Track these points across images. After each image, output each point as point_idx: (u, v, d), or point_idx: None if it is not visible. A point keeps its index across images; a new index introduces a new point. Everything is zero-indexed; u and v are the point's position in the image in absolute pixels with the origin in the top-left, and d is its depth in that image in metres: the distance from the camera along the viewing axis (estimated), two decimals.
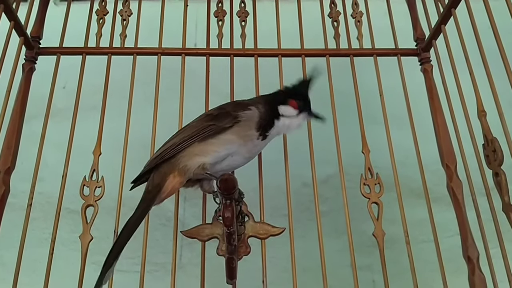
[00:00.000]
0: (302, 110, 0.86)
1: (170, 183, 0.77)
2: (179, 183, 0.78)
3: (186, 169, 0.76)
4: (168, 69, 0.99)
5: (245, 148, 0.80)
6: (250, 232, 0.83)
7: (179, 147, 0.77)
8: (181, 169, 0.77)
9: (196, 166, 0.76)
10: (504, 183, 0.76)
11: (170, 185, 0.77)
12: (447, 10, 0.91)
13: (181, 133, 0.80)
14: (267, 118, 0.82)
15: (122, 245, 0.72)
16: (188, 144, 0.77)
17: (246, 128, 0.80)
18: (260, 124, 0.81)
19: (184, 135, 0.79)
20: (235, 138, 0.78)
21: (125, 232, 0.73)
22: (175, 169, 0.77)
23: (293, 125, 0.86)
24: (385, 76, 0.98)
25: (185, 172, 0.77)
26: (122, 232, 0.73)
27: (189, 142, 0.77)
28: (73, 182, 0.88)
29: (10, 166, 0.87)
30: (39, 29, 1.01)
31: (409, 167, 0.99)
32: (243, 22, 1.06)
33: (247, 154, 0.81)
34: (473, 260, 0.81)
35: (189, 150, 0.77)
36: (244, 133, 0.79)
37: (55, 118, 0.96)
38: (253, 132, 0.80)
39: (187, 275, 1.03)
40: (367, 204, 0.87)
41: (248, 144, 0.80)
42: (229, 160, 0.80)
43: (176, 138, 0.80)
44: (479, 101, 0.82)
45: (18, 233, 0.82)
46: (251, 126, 0.80)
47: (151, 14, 1.05)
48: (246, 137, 0.79)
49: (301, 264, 0.82)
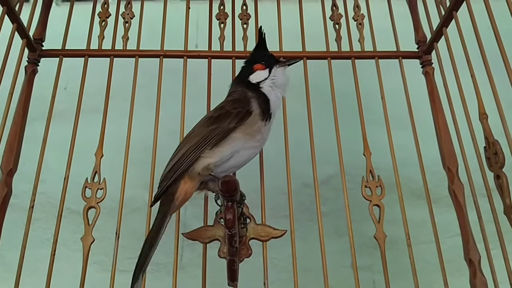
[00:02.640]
0: (271, 66, 0.87)
1: (182, 189, 0.76)
2: (191, 187, 0.77)
3: (194, 172, 0.76)
4: (170, 71, 0.99)
5: (252, 140, 0.79)
6: (251, 234, 0.83)
7: (192, 158, 0.76)
8: (190, 174, 0.76)
9: (201, 167, 0.76)
10: (506, 185, 0.76)
11: (183, 191, 0.77)
12: (449, 12, 0.91)
13: (187, 142, 0.79)
14: (263, 99, 0.83)
15: (145, 258, 0.72)
16: (198, 154, 0.76)
17: (252, 124, 0.79)
18: (261, 111, 0.81)
19: (191, 144, 0.78)
20: (240, 136, 0.78)
21: (147, 246, 0.73)
22: (184, 174, 0.77)
23: (277, 81, 0.86)
24: (386, 78, 0.99)
25: (194, 175, 0.77)
26: (144, 246, 0.73)
27: (199, 152, 0.76)
28: (75, 183, 0.88)
29: (12, 168, 0.87)
30: (41, 31, 1.01)
31: (410, 168, 0.99)
32: (245, 24, 1.06)
33: (256, 143, 0.81)
34: (474, 262, 0.81)
35: (194, 153, 0.77)
36: (251, 129, 0.79)
37: (57, 120, 0.96)
38: (259, 123, 0.80)
39: (188, 276, 1.03)
40: (368, 207, 0.87)
41: (255, 136, 0.80)
42: (236, 157, 0.79)
43: (183, 149, 0.78)
44: (480, 104, 0.82)
45: (20, 234, 0.82)
46: (255, 120, 0.80)
47: (153, 16, 1.05)
48: (253, 132, 0.79)
49: (302, 264, 0.82)
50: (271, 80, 0.86)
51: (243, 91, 0.85)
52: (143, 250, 0.73)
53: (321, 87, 0.97)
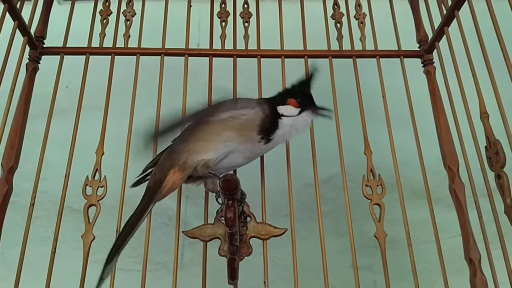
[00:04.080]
0: (304, 108, 0.83)
1: (171, 179, 0.77)
2: (179, 179, 0.78)
3: (186, 165, 0.76)
4: (171, 69, 0.99)
5: (245, 147, 0.79)
6: (252, 232, 0.83)
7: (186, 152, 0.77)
8: (181, 165, 0.77)
9: (198, 163, 0.76)
10: (507, 185, 0.76)
11: (171, 180, 0.77)
12: (450, 12, 0.91)
13: (184, 134, 0.81)
14: (270, 120, 0.80)
15: (123, 240, 0.73)
16: (191, 147, 0.77)
17: (247, 128, 0.78)
18: (262, 127, 0.79)
19: (187, 136, 0.79)
20: (234, 136, 0.77)
21: (127, 228, 0.74)
22: (175, 164, 0.77)
23: (298, 125, 0.83)
24: (387, 77, 0.98)
25: (185, 168, 0.77)
26: (124, 227, 0.74)
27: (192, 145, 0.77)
28: (75, 181, 0.88)
29: (13, 165, 0.87)
30: (43, 28, 1.01)
31: (411, 168, 0.99)
32: (246, 23, 1.06)
33: (247, 153, 0.80)
34: (474, 262, 0.81)
35: (189, 147, 0.77)
36: (244, 133, 0.78)
37: (58, 117, 0.96)
38: (254, 134, 0.78)
39: (188, 274, 1.03)
40: (369, 206, 0.87)
41: (247, 144, 0.79)
42: (230, 158, 0.79)
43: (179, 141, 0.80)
44: (481, 103, 0.82)
45: (20, 232, 0.82)
46: (252, 128, 0.78)
47: (155, 14, 1.05)
48: (245, 136, 0.78)
49: (302, 264, 0.82)
50: (296, 120, 0.83)
51: (266, 106, 0.82)
52: (122, 233, 0.74)
53: (322, 86, 0.96)
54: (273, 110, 0.82)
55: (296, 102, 0.83)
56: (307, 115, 0.84)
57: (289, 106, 0.83)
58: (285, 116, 0.82)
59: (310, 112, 0.84)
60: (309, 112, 0.84)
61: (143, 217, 0.75)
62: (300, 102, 0.84)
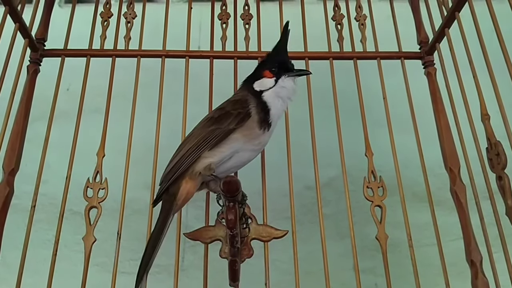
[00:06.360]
0: (279, 75, 0.82)
1: (184, 189, 0.77)
2: (193, 187, 0.78)
3: (195, 172, 0.77)
4: (172, 72, 0.99)
5: (250, 143, 0.79)
6: (253, 234, 0.83)
7: (191, 159, 0.76)
8: (190, 173, 0.77)
9: (203, 167, 0.76)
10: (508, 186, 0.76)
11: (185, 191, 0.77)
12: (451, 13, 0.91)
13: (188, 142, 0.80)
14: (261, 107, 0.81)
15: (149, 258, 0.72)
16: (198, 155, 0.76)
17: (250, 128, 0.79)
18: (260, 120, 0.79)
19: (191, 145, 0.78)
20: (239, 137, 0.78)
21: (150, 245, 0.74)
22: (185, 174, 0.77)
23: (282, 94, 0.83)
24: (388, 79, 0.98)
25: (195, 175, 0.77)
26: (147, 247, 0.74)
27: (198, 153, 0.76)
28: (76, 184, 0.88)
29: (14, 168, 0.87)
30: (43, 31, 1.01)
31: (412, 170, 0.99)
32: (247, 24, 1.06)
33: (255, 146, 0.80)
34: (476, 264, 0.81)
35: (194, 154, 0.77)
36: (248, 132, 0.79)
37: (59, 120, 0.96)
38: (257, 130, 0.79)
39: (189, 277, 1.03)
40: (370, 207, 0.87)
41: (253, 140, 0.79)
42: (236, 157, 0.79)
43: (184, 149, 0.79)
44: (482, 105, 0.82)
45: (21, 234, 0.82)
46: (253, 126, 0.79)
47: (155, 16, 1.05)
48: (250, 135, 0.79)
49: (303, 267, 0.82)
50: (276, 90, 0.83)
51: (245, 95, 0.84)
52: (146, 251, 0.73)
53: (323, 88, 0.96)
54: (252, 92, 0.82)
55: (269, 72, 0.83)
56: (284, 81, 0.83)
57: (264, 79, 0.83)
58: (264, 91, 0.82)
59: (286, 77, 0.83)
60: (285, 77, 0.83)
61: (163, 231, 0.75)
62: (273, 71, 0.83)
